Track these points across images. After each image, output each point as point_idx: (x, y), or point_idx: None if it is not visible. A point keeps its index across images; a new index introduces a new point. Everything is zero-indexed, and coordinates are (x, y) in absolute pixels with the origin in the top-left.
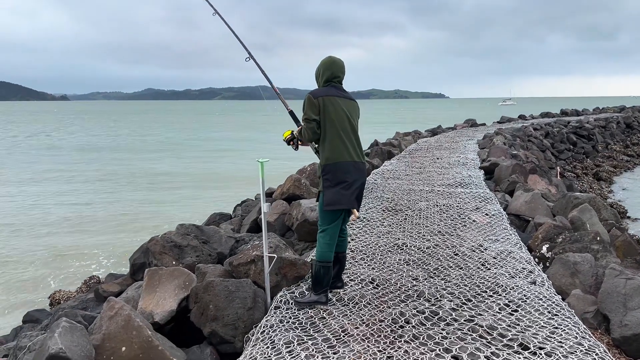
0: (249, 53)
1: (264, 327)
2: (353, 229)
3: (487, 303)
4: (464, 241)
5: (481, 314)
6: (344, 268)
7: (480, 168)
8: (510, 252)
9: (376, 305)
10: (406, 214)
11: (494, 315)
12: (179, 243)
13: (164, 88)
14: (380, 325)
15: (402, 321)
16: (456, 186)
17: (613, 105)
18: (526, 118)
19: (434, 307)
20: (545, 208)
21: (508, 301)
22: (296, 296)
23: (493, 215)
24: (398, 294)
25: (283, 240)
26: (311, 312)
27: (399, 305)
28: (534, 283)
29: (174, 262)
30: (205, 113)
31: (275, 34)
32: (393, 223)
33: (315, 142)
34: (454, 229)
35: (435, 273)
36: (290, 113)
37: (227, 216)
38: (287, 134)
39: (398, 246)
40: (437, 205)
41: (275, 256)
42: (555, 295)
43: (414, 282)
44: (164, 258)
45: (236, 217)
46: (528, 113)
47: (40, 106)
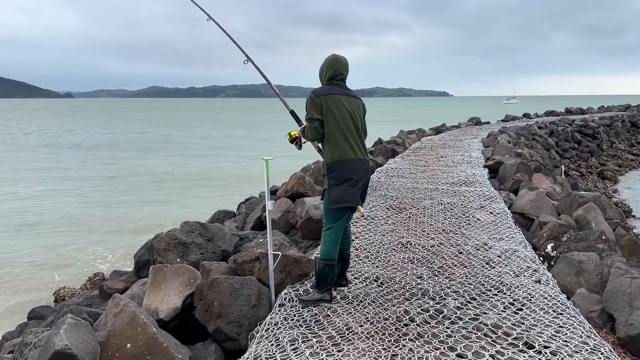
0: (247, 56)
1: (269, 325)
2: (357, 227)
3: (492, 301)
4: (469, 240)
5: (486, 313)
6: (348, 266)
7: (484, 166)
8: (515, 251)
9: (380, 303)
10: (410, 212)
11: (499, 313)
12: (184, 240)
13: (168, 86)
14: (384, 323)
15: (407, 319)
16: (460, 184)
17: (618, 103)
18: (531, 116)
19: (439, 306)
20: (550, 207)
21: (513, 300)
22: (300, 294)
23: (497, 213)
24: (402, 292)
25: (287, 238)
26: (315, 310)
27: (404, 303)
28: (539, 282)
29: (179, 260)
30: (208, 111)
31: (278, 32)
32: (397, 221)
33: (318, 141)
34: (459, 228)
35: (439, 271)
36: (291, 113)
37: (231, 214)
38: (294, 134)
39: (402, 244)
40: (442, 203)
41: (279, 254)
42: (560, 294)
43: (419, 281)
44: (169, 255)
45: (240, 215)
46: (532, 111)
47: (44, 103)
